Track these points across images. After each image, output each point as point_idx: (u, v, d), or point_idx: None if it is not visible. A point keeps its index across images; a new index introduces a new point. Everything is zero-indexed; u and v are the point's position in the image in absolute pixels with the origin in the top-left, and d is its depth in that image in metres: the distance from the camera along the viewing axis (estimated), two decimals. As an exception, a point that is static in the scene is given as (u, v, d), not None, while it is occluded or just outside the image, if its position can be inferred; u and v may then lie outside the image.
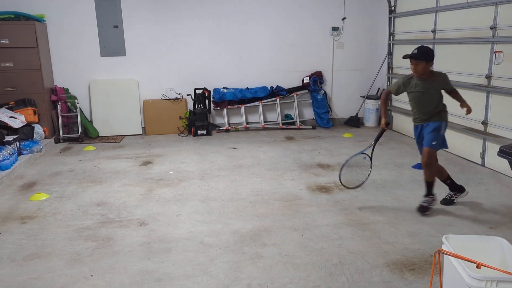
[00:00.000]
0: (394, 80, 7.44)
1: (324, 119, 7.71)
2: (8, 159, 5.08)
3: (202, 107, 7.17)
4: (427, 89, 3.83)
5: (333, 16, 7.59)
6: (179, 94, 7.39)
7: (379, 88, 7.83)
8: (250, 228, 3.61)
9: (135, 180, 4.89)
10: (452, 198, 4.09)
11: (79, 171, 5.25)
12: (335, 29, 7.61)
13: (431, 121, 3.87)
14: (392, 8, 7.30)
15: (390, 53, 7.49)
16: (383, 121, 4.11)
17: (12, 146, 5.37)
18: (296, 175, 4.98)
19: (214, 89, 7.37)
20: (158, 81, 7.34)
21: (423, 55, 3.72)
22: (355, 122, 7.78)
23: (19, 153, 5.59)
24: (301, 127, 7.57)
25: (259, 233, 3.51)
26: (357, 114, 7.86)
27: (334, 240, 3.38)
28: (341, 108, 8.00)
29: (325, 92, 7.73)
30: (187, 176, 5.00)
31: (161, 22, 7.16)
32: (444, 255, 2.27)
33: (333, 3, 7.54)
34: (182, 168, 5.32)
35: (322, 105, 7.70)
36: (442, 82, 3.86)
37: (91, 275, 2.93)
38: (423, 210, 3.88)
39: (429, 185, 3.92)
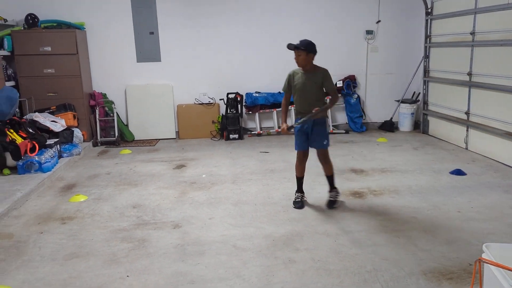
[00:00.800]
0: (430, 84, 7.28)
1: (358, 123, 7.61)
2: (50, 161, 5.28)
3: (234, 112, 7.23)
4: (307, 81, 3.96)
5: (367, 19, 7.50)
6: (211, 99, 7.49)
7: (414, 92, 7.67)
8: (283, 232, 3.61)
9: (169, 183, 4.98)
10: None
11: (115, 174, 5.40)
12: (369, 32, 7.52)
13: (316, 119, 3.94)
14: (429, 10, 7.13)
15: (426, 56, 7.32)
16: (284, 126, 4.08)
17: (53, 149, 5.59)
18: (329, 180, 4.93)
19: (246, 93, 7.42)
20: (191, 86, 7.46)
21: (303, 46, 3.93)
22: (389, 126, 7.64)
23: (60, 156, 5.80)
24: (334, 131, 7.50)
25: (291, 238, 3.50)
26: (391, 118, 7.72)
27: (368, 246, 3.33)
28: (375, 112, 7.88)
29: (358, 96, 7.64)
30: (220, 180, 5.04)
31: (194, 28, 7.28)
32: (485, 264, 2.19)
33: (367, 7, 7.46)
34: (215, 172, 5.37)
35: (355, 109, 7.61)
36: (322, 76, 3.98)
37: (127, 276, 3.00)
38: (332, 204, 4.11)
39: (331, 179, 4.19)
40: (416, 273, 2.94)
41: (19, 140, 5.23)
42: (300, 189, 4.29)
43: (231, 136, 7.18)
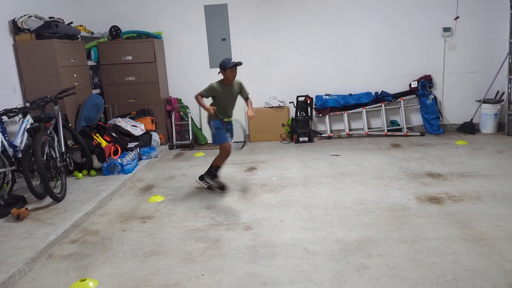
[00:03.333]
0: (516, 82, 6.74)
1: (434, 125, 7.25)
2: (131, 163, 5.63)
3: (304, 114, 7.22)
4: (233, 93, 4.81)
5: (444, 16, 7.13)
6: (281, 102, 7.53)
7: (498, 91, 7.15)
8: (355, 237, 3.54)
9: (241, 185, 5.08)
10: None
11: (190, 176, 5.62)
12: (446, 29, 7.13)
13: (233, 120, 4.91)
14: (514, 3, 6.62)
15: (511, 53, 6.79)
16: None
17: (134, 152, 5.96)
18: (403, 184, 4.75)
19: (316, 96, 7.38)
20: (261, 90, 7.56)
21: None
22: (469, 128, 7.18)
23: (139, 159, 6.16)
24: (408, 133, 7.21)
25: (364, 243, 3.42)
26: (471, 119, 7.26)
27: (447, 255, 3.16)
28: (453, 113, 7.45)
29: (434, 97, 7.27)
30: (290, 183, 5.06)
31: (264, 33, 7.38)
32: None
33: (444, 3, 7.08)
34: (285, 175, 5.40)
35: (431, 110, 7.25)
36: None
37: (202, 274, 3.12)
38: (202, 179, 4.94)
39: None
40: (502, 285, 2.74)
41: (104, 143, 5.63)
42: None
43: (301, 139, 7.18)
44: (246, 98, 4.92)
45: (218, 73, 4.80)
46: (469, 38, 7.18)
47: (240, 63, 4.70)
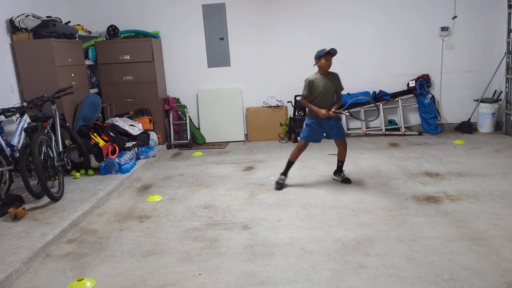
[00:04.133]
0: (514, 81, 6.76)
1: (432, 124, 7.26)
2: (128, 163, 5.63)
3: (302, 114, 7.22)
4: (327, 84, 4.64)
5: (442, 15, 7.13)
6: (279, 101, 7.54)
7: (495, 91, 7.16)
8: (352, 236, 3.54)
9: (239, 185, 5.09)
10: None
11: (188, 175, 5.62)
12: (444, 29, 7.14)
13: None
14: (511, 3, 6.64)
15: (509, 52, 6.81)
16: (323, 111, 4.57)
17: (132, 151, 5.95)
18: (401, 184, 4.76)
19: (315, 95, 7.37)
20: (260, 89, 7.56)
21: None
22: (467, 127, 7.19)
23: (137, 158, 6.16)
24: (406, 133, 7.22)
25: (361, 243, 3.42)
26: (469, 119, 7.27)
27: (444, 254, 3.17)
28: (451, 113, 7.46)
29: (432, 96, 7.28)
30: (288, 182, 5.06)
31: (262, 32, 7.38)
32: None
33: (442, 2, 7.09)
34: (283, 174, 5.39)
35: (429, 109, 7.26)
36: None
37: (200, 274, 3.12)
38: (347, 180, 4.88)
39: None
40: (499, 284, 2.75)
41: (101, 143, 5.63)
42: (285, 173, 4.93)
43: (299, 138, 7.15)
44: (339, 94, 4.77)
45: (314, 65, 4.79)
46: (466, 37, 7.19)
47: (333, 50, 4.56)
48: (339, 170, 5.00)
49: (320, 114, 4.57)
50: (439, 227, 3.62)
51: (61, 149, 4.96)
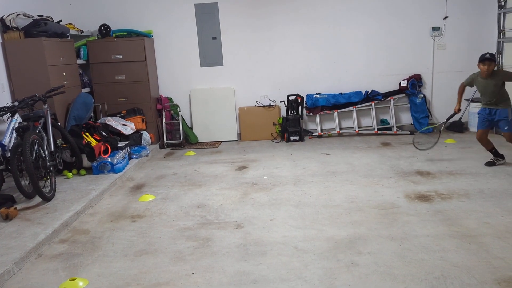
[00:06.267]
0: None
1: (423, 124, 7.31)
2: (121, 163, 5.61)
3: (295, 113, 7.24)
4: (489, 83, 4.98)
5: (433, 15, 7.19)
6: (272, 101, 7.55)
7: (486, 90, 7.22)
8: (345, 235, 3.57)
9: (232, 184, 5.09)
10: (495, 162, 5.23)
11: (181, 175, 5.61)
12: (435, 29, 7.20)
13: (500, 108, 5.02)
14: (502, 3, 6.71)
15: (499, 52, 6.88)
16: (457, 106, 5.37)
17: (124, 151, 5.93)
18: (393, 183, 4.80)
19: (307, 95, 7.40)
20: (252, 89, 7.57)
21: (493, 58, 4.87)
22: (458, 127, 7.26)
23: (130, 158, 6.14)
24: (398, 132, 7.27)
25: (354, 241, 3.45)
26: (460, 118, 7.33)
27: (435, 252, 3.20)
28: (442, 112, 7.50)
29: (424, 96, 7.34)
30: (281, 181, 5.08)
31: (255, 32, 7.39)
32: None
33: (433, 2, 7.15)
34: (276, 173, 5.41)
35: (421, 109, 7.32)
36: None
37: (193, 273, 3.12)
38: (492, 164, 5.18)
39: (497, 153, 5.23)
40: (489, 281, 2.78)
41: (94, 142, 5.60)
42: (496, 154, 5.27)
43: (292, 138, 7.20)
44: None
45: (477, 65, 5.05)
46: (458, 37, 7.26)
47: (488, 57, 4.84)
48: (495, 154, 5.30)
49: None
50: (430, 226, 3.65)
51: (52, 149, 4.94)
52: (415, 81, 7.26)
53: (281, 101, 7.46)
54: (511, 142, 5.13)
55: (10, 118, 4.83)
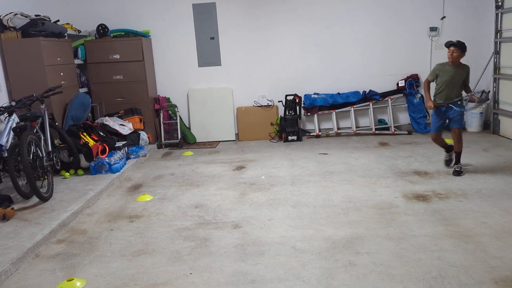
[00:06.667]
0: (501, 82, 6.85)
1: (421, 124, 7.33)
2: (119, 163, 5.60)
3: (293, 113, 7.24)
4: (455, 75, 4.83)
5: (431, 16, 7.21)
6: (270, 101, 7.55)
7: (483, 90, 7.24)
8: (343, 235, 3.57)
9: (229, 184, 5.09)
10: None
11: (178, 175, 5.61)
12: (433, 29, 7.22)
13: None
14: (499, 3, 6.72)
15: (497, 52, 6.90)
16: (429, 103, 4.94)
17: (122, 151, 5.92)
18: (390, 183, 4.80)
19: (305, 95, 7.41)
20: (250, 89, 7.57)
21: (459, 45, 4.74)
22: (456, 127, 7.26)
23: (127, 158, 6.13)
24: (395, 132, 7.28)
25: (351, 241, 3.45)
26: (458, 118, 7.34)
27: (433, 251, 3.21)
28: (440, 112, 7.53)
29: (422, 96, 7.35)
30: (279, 181, 5.08)
31: (253, 32, 7.39)
32: None
33: (431, 3, 7.16)
34: (274, 173, 5.41)
35: (418, 109, 7.33)
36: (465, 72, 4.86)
37: (190, 273, 3.12)
38: (458, 173, 4.90)
39: (459, 155, 4.99)
40: (486, 281, 2.79)
41: (91, 142, 5.59)
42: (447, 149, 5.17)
43: (290, 137, 7.20)
44: (467, 86, 4.98)
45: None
46: (455, 37, 7.18)
47: (451, 42, 4.79)
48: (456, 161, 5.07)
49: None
50: (428, 225, 3.66)
51: (50, 149, 4.92)
52: (413, 81, 7.28)
53: (279, 101, 7.46)
54: (459, 138, 4.93)
55: (8, 118, 4.81)
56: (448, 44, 4.82)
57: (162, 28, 7.42)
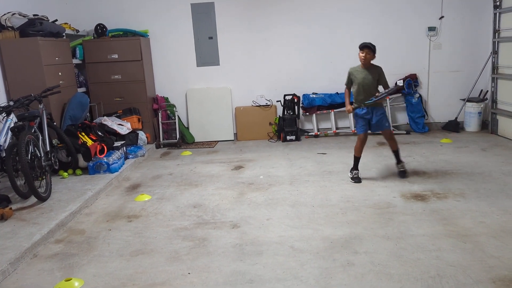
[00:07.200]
0: (500, 81, 6.86)
1: (419, 123, 7.34)
2: (117, 162, 5.59)
3: (291, 113, 7.24)
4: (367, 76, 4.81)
5: (429, 15, 7.21)
6: (269, 101, 7.55)
7: (481, 90, 7.26)
8: (341, 235, 3.57)
9: (228, 184, 5.09)
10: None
11: (177, 175, 5.60)
12: (431, 29, 7.22)
13: (378, 107, 4.85)
14: (497, 3, 6.73)
15: (495, 52, 6.91)
16: (347, 107, 4.97)
17: (120, 151, 5.91)
18: (389, 182, 4.80)
19: (303, 94, 7.41)
20: (249, 89, 7.57)
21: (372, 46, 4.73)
22: (454, 126, 7.28)
23: (126, 157, 6.12)
24: (394, 132, 7.27)
25: (350, 241, 3.45)
26: (456, 118, 7.36)
27: (431, 251, 3.21)
28: (438, 112, 7.54)
29: (420, 96, 7.36)
30: (277, 181, 5.08)
31: (251, 32, 7.39)
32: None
33: (429, 3, 7.17)
34: (272, 173, 5.41)
35: (417, 109, 7.33)
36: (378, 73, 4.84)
37: (189, 273, 3.12)
38: (403, 174, 4.92)
39: (398, 154, 5.00)
40: (484, 280, 2.79)
41: (89, 142, 5.58)
42: (356, 167, 4.96)
43: (288, 137, 7.20)
44: (384, 85, 4.97)
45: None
46: (453, 37, 7.28)
47: (365, 44, 4.77)
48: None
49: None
50: (426, 225, 3.66)
51: (48, 149, 4.91)
52: (411, 81, 7.28)
53: (277, 101, 7.46)
54: (391, 139, 4.94)
55: (5, 118, 4.80)
56: (362, 46, 4.77)
57: (161, 27, 7.41)
